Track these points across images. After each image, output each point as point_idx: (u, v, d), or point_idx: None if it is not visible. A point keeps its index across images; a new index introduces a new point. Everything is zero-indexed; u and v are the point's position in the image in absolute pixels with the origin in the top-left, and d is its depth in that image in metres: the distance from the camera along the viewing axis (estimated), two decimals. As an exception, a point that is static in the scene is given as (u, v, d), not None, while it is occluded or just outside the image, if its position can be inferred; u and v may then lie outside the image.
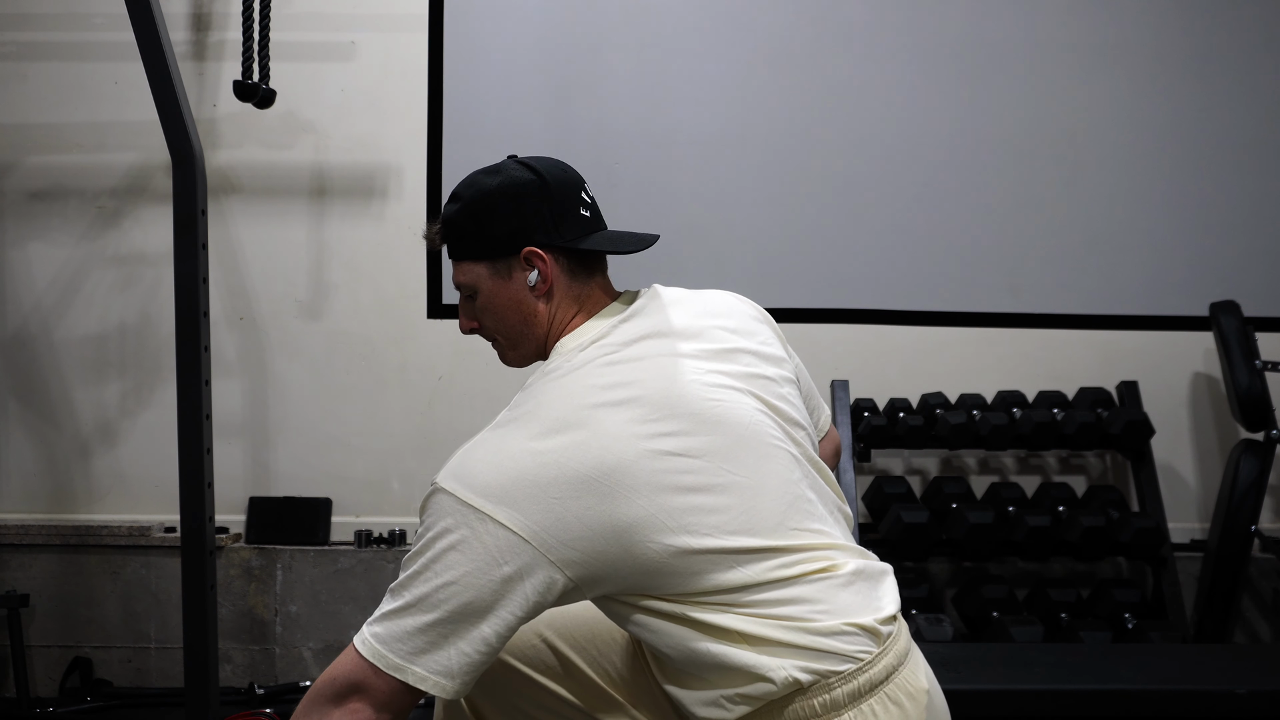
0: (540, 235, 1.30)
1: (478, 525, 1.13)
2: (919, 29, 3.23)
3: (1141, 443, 3.05)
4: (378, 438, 3.17)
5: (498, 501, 1.14)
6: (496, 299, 1.35)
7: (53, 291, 3.16)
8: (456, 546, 1.13)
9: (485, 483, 1.15)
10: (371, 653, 1.14)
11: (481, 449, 1.21)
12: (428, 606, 1.13)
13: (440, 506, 1.16)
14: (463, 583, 1.13)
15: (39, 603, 3.01)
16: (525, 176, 1.33)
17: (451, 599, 1.13)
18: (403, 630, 1.13)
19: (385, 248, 3.18)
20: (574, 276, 1.34)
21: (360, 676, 1.14)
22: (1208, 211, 3.25)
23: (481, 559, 1.13)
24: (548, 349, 1.35)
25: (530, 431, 1.19)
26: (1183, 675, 2.20)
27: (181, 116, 2.34)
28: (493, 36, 3.18)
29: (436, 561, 1.13)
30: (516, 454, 1.17)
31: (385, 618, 1.15)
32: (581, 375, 1.25)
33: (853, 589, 1.21)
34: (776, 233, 3.20)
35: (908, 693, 1.21)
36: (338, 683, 1.15)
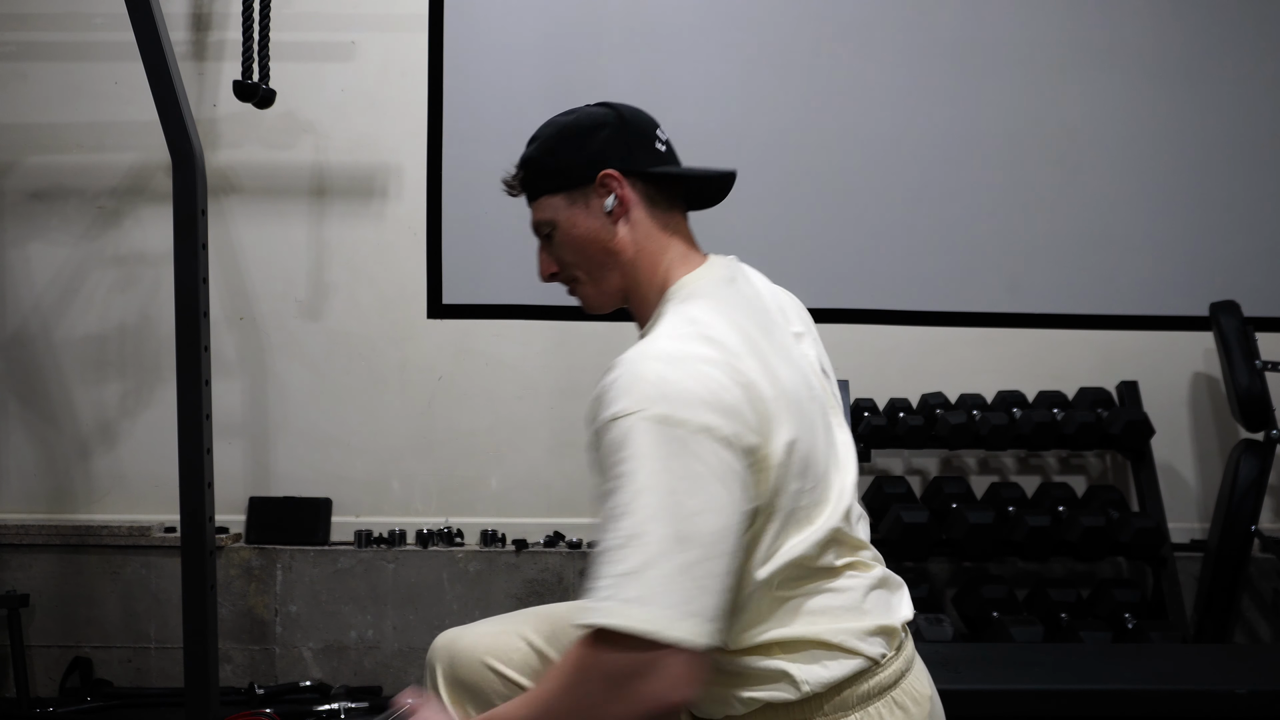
0: (616, 161, 1.29)
1: (695, 443, 1.04)
2: (919, 29, 3.23)
3: (1141, 443, 3.05)
4: (378, 438, 3.17)
5: (703, 410, 1.06)
6: (575, 229, 1.30)
7: (53, 291, 3.16)
8: (685, 469, 1.03)
9: (684, 396, 1.07)
10: (640, 620, 0.98)
11: (659, 367, 1.10)
12: (683, 545, 1.00)
13: (645, 432, 1.04)
14: (710, 508, 1.03)
15: (39, 603, 3.01)
16: (600, 111, 1.34)
17: (703, 528, 1.02)
18: (661, 580, 0.99)
19: (385, 248, 3.18)
20: (654, 203, 1.31)
21: (630, 654, 0.98)
22: (1208, 211, 3.25)
23: (713, 476, 1.04)
24: (640, 277, 1.30)
25: (700, 342, 1.13)
26: (1183, 675, 2.20)
27: (181, 116, 2.34)
28: (493, 36, 3.18)
29: (671, 493, 1.02)
30: (697, 363, 1.10)
31: (631, 575, 0.99)
32: (728, 303, 1.22)
33: (879, 592, 1.24)
34: (776, 232, 3.20)
35: (913, 698, 1.22)
36: (602, 668, 1.00)
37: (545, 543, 3.09)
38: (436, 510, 3.17)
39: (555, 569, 3.05)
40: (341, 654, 3.03)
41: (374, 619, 3.03)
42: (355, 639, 3.03)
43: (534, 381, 3.19)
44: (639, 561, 1.00)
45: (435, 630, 1.57)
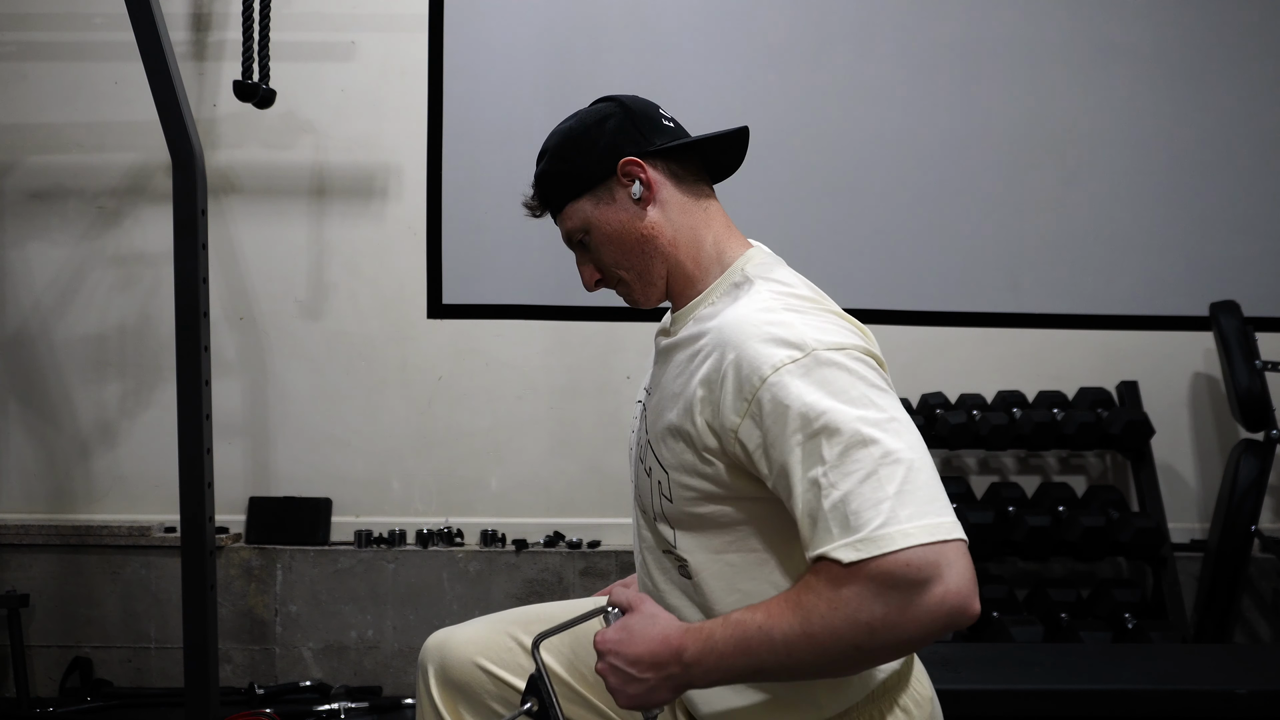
0: (630, 147, 1.27)
1: (863, 364, 1.10)
2: (919, 29, 3.23)
3: (1141, 443, 3.05)
4: (378, 438, 3.17)
5: (852, 336, 1.14)
6: (608, 226, 1.28)
7: (53, 291, 3.16)
8: (882, 386, 1.09)
9: (829, 330, 1.12)
10: (926, 532, 0.98)
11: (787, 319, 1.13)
12: (917, 449, 1.04)
13: (834, 363, 1.07)
14: (907, 417, 1.07)
15: (39, 603, 3.01)
16: (601, 106, 1.33)
17: (911, 429, 1.06)
18: (922, 489, 1.01)
19: (385, 248, 3.18)
20: (680, 180, 1.30)
21: (920, 566, 0.97)
22: (1208, 211, 3.25)
23: (888, 388, 1.11)
24: (686, 256, 1.28)
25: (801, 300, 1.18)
26: (1183, 675, 2.20)
27: (181, 116, 2.34)
28: (493, 36, 3.18)
29: (879, 409, 1.05)
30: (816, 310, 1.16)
31: (903, 494, 1.00)
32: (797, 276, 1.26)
33: None
34: (775, 232, 3.16)
35: (915, 700, 1.22)
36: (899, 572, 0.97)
37: (545, 543, 3.09)
38: (436, 510, 3.17)
39: (555, 569, 3.05)
40: (341, 654, 3.03)
41: (374, 619, 3.03)
42: (355, 639, 3.03)
43: (534, 381, 3.19)
44: (902, 478, 1.00)
45: (435, 630, 1.57)
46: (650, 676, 1.08)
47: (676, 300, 1.31)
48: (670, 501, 1.20)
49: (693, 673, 1.07)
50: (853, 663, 1.03)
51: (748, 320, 1.12)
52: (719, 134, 1.31)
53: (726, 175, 1.38)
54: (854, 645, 0.99)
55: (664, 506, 1.22)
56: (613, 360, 3.18)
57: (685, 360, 1.19)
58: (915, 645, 1.01)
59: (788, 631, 1.02)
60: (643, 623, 1.12)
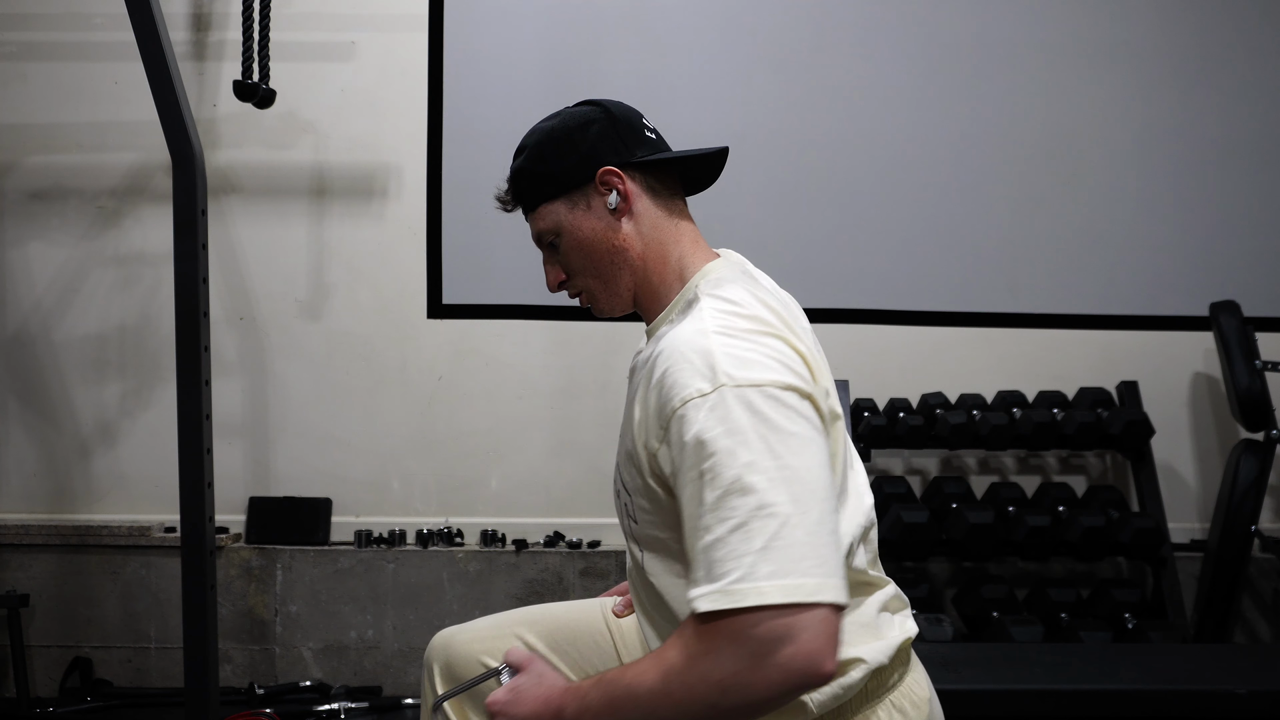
0: (611, 156, 1.26)
1: (781, 400, 1.04)
2: (919, 30, 3.23)
3: (1141, 443, 3.05)
4: (378, 438, 3.17)
5: (779, 370, 1.06)
6: (580, 232, 1.27)
7: (53, 291, 3.16)
8: (786, 430, 1.02)
9: (755, 361, 1.06)
10: (782, 593, 0.95)
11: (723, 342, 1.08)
12: (804, 505, 0.99)
13: (739, 402, 1.03)
14: (815, 464, 1.02)
15: (39, 603, 3.01)
16: (585, 109, 1.31)
17: (816, 485, 1.01)
18: (795, 546, 0.97)
19: (385, 248, 3.18)
20: (656, 194, 1.29)
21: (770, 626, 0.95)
22: (1208, 211, 3.25)
23: (808, 432, 1.04)
24: (652, 273, 1.28)
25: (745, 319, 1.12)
26: (1183, 675, 2.20)
27: (181, 116, 2.34)
28: (493, 36, 3.18)
29: (777, 457, 1.00)
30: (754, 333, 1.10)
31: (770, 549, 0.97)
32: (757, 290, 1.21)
33: (887, 611, 1.24)
34: (776, 233, 3.20)
35: (912, 701, 1.22)
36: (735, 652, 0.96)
37: (545, 543, 3.09)
38: (436, 510, 3.17)
39: (555, 569, 3.05)
40: (341, 654, 3.03)
41: (374, 619, 3.03)
42: (355, 639, 3.03)
43: (534, 381, 3.19)
44: (770, 533, 0.97)
45: (435, 630, 1.57)
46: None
47: (647, 316, 1.31)
48: (635, 523, 1.21)
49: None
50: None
51: (680, 341, 1.10)
52: (700, 153, 1.31)
53: (700, 190, 1.38)
54: (708, 704, 0.98)
55: (631, 528, 1.23)
56: (613, 360, 3.18)
57: (642, 382, 1.18)
58: (769, 706, 0.98)
59: (650, 688, 1.01)
60: (529, 683, 1.14)
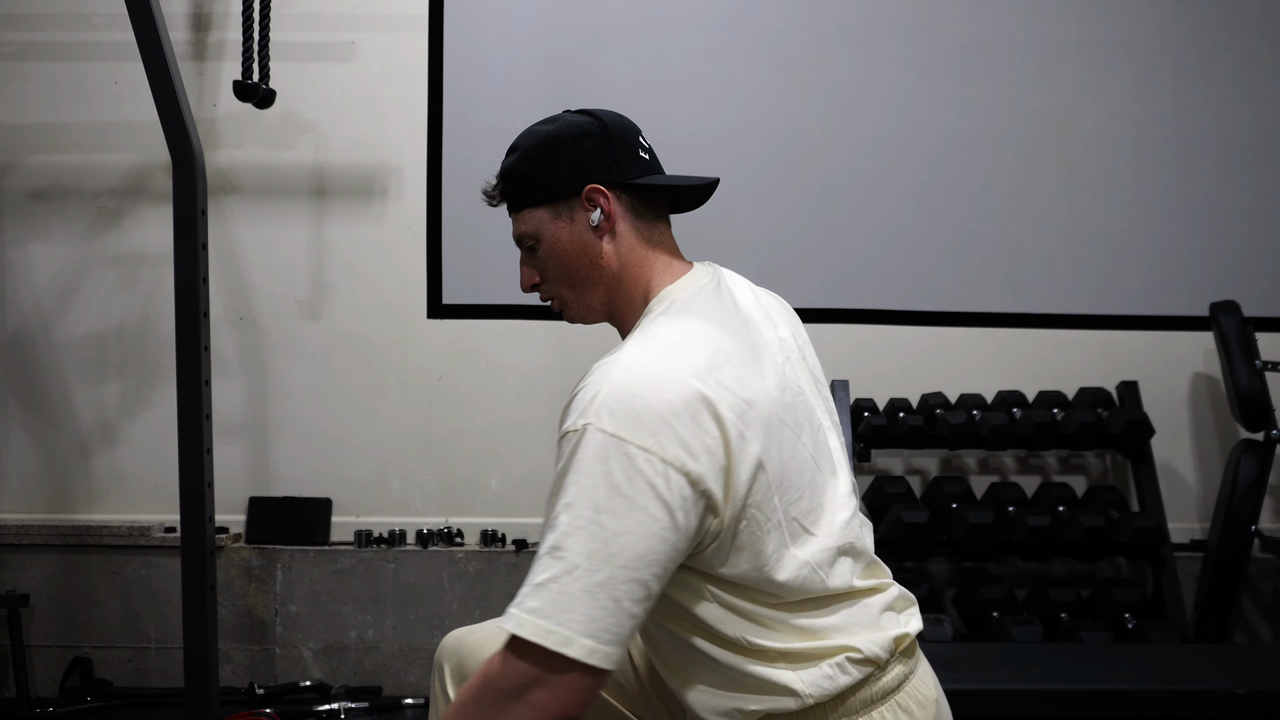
0: (601, 174, 1.27)
1: (642, 464, 1.02)
2: (919, 29, 3.23)
3: (1141, 443, 3.05)
4: (378, 438, 3.17)
5: (656, 433, 1.04)
6: (559, 243, 1.29)
7: (53, 291, 3.16)
8: (622, 490, 1.02)
9: (640, 415, 1.05)
10: (538, 632, 0.99)
11: (625, 382, 1.08)
12: (596, 564, 1.00)
13: (595, 446, 1.03)
14: (635, 531, 1.01)
15: (39, 603, 3.01)
16: (583, 120, 1.31)
17: (623, 551, 1.01)
18: (570, 598, 1.00)
19: (385, 248, 3.18)
20: (639, 216, 1.29)
21: (531, 663, 1.00)
22: (1208, 211, 3.25)
23: (652, 501, 1.02)
24: (623, 291, 1.29)
25: (673, 360, 1.10)
26: (1183, 675, 2.20)
27: (181, 116, 2.34)
28: (493, 36, 3.18)
29: (601, 511, 1.01)
30: (669, 384, 1.07)
31: (545, 586, 1.01)
32: (709, 316, 1.20)
33: (891, 610, 1.24)
34: (776, 233, 3.20)
35: (918, 701, 1.21)
36: (508, 676, 1.01)
37: (545, 543, 3.09)
38: (436, 510, 3.17)
39: (555, 569, 3.05)
40: (341, 654, 3.03)
41: (374, 619, 3.03)
42: (355, 639, 3.03)
43: (534, 381, 3.19)
44: (554, 574, 1.01)
45: (435, 630, 1.57)
46: None
47: (621, 333, 1.33)
48: None
49: None
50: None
51: (599, 370, 1.12)
52: (689, 183, 1.33)
53: (686, 211, 1.39)
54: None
55: None
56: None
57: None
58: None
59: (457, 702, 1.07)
60: None
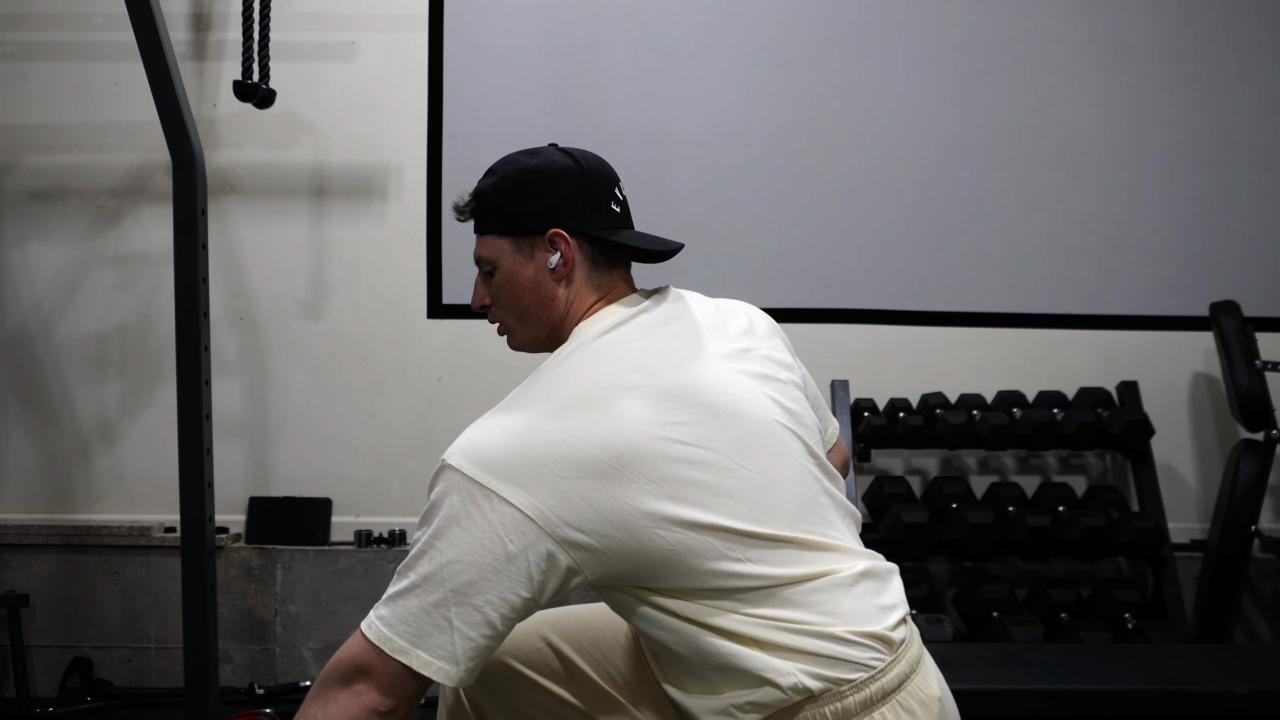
0: (568, 220, 1.30)
1: (483, 502, 1.12)
2: (919, 29, 3.23)
3: (1141, 443, 3.05)
4: (378, 438, 3.17)
5: (504, 479, 1.13)
6: (516, 277, 1.32)
7: (53, 291, 3.16)
8: (461, 523, 1.12)
9: (493, 459, 1.14)
10: (377, 635, 1.13)
11: (491, 426, 1.18)
12: (431, 586, 1.12)
13: (447, 483, 1.15)
14: (466, 560, 1.12)
15: (39, 603, 3.01)
16: (563, 161, 1.33)
17: (454, 577, 1.12)
18: (407, 611, 1.13)
19: (385, 248, 3.18)
20: (596, 266, 1.32)
21: (366, 659, 1.13)
22: (1208, 211, 3.24)
23: (486, 537, 1.12)
24: (562, 334, 1.32)
25: (543, 410, 1.18)
26: (1183, 675, 2.20)
27: (181, 116, 2.34)
28: (493, 36, 3.18)
29: (440, 539, 1.13)
30: (526, 432, 1.16)
31: (391, 599, 1.14)
32: (599, 358, 1.24)
33: (858, 590, 1.20)
34: (776, 233, 3.20)
35: (920, 700, 1.20)
36: (344, 665, 1.14)
37: (545, 543, 3.09)
38: (436, 510, 3.16)
39: (555, 569, 3.05)
40: (341, 654, 3.03)
41: (374, 619, 3.03)
42: (355, 639, 3.03)
43: (534, 381, 3.18)
44: (397, 589, 1.14)
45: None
46: None
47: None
48: None
49: None
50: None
51: (486, 415, 1.21)
52: (650, 250, 1.34)
53: (649, 262, 1.39)
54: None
55: None
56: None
57: None
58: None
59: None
60: None
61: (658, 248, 1.35)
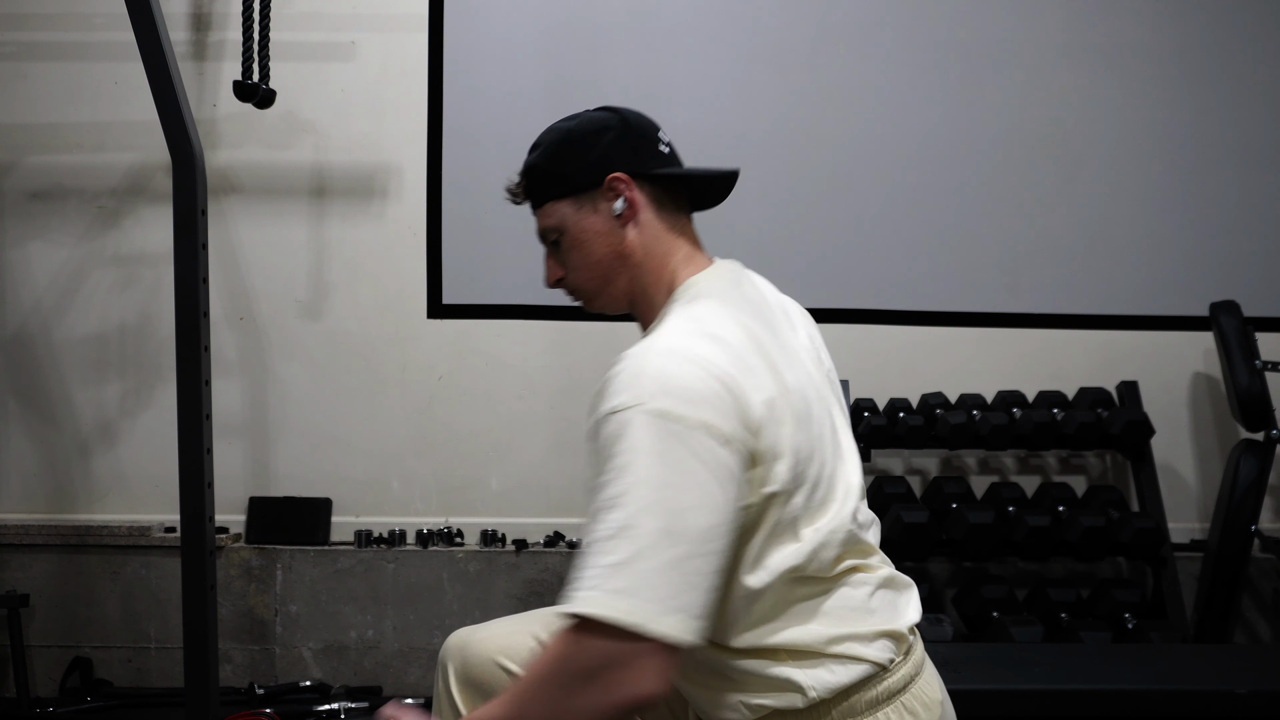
0: (622, 164, 1.29)
1: (690, 438, 1.04)
2: (918, 29, 3.23)
3: (1141, 443, 3.05)
4: (378, 438, 3.17)
5: (703, 407, 1.06)
6: (583, 234, 1.30)
7: (53, 291, 3.16)
8: (679, 466, 1.03)
9: (683, 391, 1.07)
10: (617, 611, 0.99)
11: (661, 362, 1.10)
12: (672, 539, 1.01)
13: (643, 425, 1.05)
14: (701, 505, 1.03)
15: (39, 603, 3.01)
16: (603, 115, 1.34)
17: (691, 527, 1.02)
18: (650, 579, 1.00)
19: (385, 248, 3.18)
20: (661, 206, 1.31)
21: (607, 645, 0.99)
22: (1207, 211, 3.25)
23: (706, 476, 1.04)
24: (646, 282, 1.30)
25: (703, 340, 1.14)
26: (1183, 675, 2.20)
27: (181, 116, 2.34)
28: (493, 36, 3.18)
29: (666, 487, 1.03)
30: (699, 360, 1.10)
31: (621, 567, 1.00)
32: (737, 307, 1.23)
33: (885, 593, 1.23)
34: (775, 233, 3.20)
35: (923, 703, 1.21)
36: (575, 661, 1.01)
37: (545, 543, 3.09)
38: (436, 510, 3.17)
39: (555, 569, 3.05)
40: (341, 654, 3.03)
41: (374, 619, 3.03)
42: (355, 639, 3.03)
43: (534, 381, 3.19)
44: (628, 554, 1.00)
45: (435, 630, 1.57)
46: None
47: (642, 324, 1.34)
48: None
49: None
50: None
51: (631, 354, 1.14)
52: (708, 174, 1.34)
53: (708, 208, 1.40)
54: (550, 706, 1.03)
55: None
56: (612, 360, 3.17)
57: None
58: (602, 714, 1.01)
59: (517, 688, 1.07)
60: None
61: (714, 173, 1.33)
